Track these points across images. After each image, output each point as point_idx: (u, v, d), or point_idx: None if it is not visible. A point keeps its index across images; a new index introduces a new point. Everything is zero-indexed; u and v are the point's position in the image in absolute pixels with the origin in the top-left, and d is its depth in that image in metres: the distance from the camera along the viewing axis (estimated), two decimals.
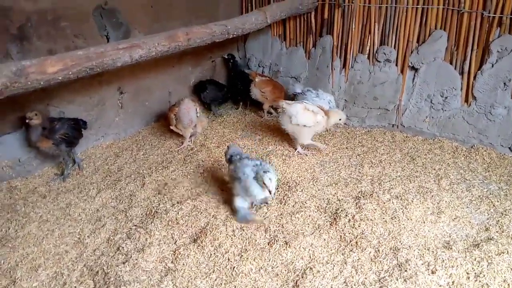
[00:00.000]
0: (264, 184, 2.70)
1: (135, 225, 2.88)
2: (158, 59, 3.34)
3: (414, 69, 4.12)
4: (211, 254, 2.59)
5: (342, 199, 3.19)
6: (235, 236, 2.73)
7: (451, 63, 3.94)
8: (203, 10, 4.64)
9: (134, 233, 2.78)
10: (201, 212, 2.98)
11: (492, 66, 3.72)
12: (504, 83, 3.71)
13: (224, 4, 4.90)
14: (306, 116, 3.64)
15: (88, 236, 2.80)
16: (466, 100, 3.97)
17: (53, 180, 3.48)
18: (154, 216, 2.93)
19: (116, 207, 3.11)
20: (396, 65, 4.21)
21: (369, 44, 4.28)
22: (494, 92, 3.77)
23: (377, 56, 4.24)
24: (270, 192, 2.71)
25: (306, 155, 3.88)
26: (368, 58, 4.33)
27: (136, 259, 2.55)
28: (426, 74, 4.06)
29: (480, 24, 3.69)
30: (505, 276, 2.41)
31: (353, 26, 4.27)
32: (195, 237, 2.73)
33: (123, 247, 2.66)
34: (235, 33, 3.65)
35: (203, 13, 4.64)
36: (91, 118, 3.87)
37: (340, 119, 3.81)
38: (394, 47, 4.16)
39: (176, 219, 2.89)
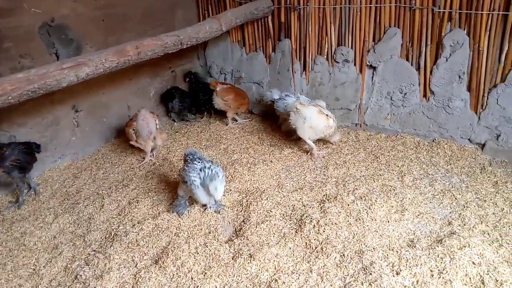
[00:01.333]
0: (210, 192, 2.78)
1: (94, 250, 2.76)
2: (113, 72, 3.23)
3: (372, 67, 4.15)
4: (173, 275, 2.51)
5: (307, 204, 3.16)
6: (198, 253, 2.65)
7: (407, 60, 3.98)
8: (158, 20, 4.55)
9: (93, 259, 2.66)
10: (163, 231, 2.88)
11: (447, 60, 3.77)
12: (459, 76, 3.77)
13: (180, 13, 4.81)
14: (320, 118, 3.71)
15: (44, 266, 2.67)
16: (425, 95, 4.01)
17: (7, 208, 3.31)
18: (114, 239, 2.82)
19: (74, 232, 2.98)
20: (355, 65, 4.22)
21: (326, 46, 4.28)
22: (450, 86, 3.83)
23: (336, 57, 4.25)
24: (215, 201, 2.79)
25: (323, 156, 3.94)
26: (327, 59, 4.34)
27: (94, 287, 2.44)
28: (384, 72, 4.09)
29: (432, 20, 3.74)
30: (466, 270, 2.42)
31: (310, 29, 4.26)
32: (157, 258, 2.64)
33: (81, 275, 2.54)
34: (189, 43, 3.57)
35: (159, 22, 4.54)
36: (45, 140, 3.71)
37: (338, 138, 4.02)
38: (351, 47, 4.17)
39: (137, 240, 2.79)
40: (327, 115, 3.74)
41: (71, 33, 3.78)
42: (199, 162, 2.95)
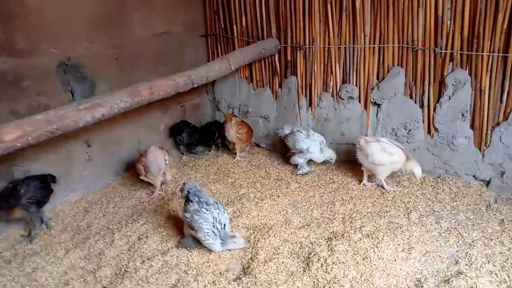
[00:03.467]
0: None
1: (104, 287, 2.80)
2: None
3: (377, 104, 4.25)
4: None
5: (314, 241, 3.19)
6: None
7: (411, 97, 4.08)
8: (168, 58, 4.71)
9: None
10: (172, 268, 2.92)
11: (449, 98, 3.87)
12: (462, 114, 3.85)
13: (190, 52, 4.98)
14: (382, 156, 3.77)
15: None
16: (429, 132, 4.09)
17: (19, 242, 3.36)
18: (124, 276, 2.86)
19: (85, 268, 3.02)
20: (359, 101, 4.33)
21: (332, 83, 4.41)
22: (454, 123, 3.91)
23: (341, 94, 4.37)
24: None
25: (394, 191, 3.91)
26: (332, 96, 4.46)
27: None
28: (389, 109, 4.20)
29: (434, 60, 3.87)
30: None
31: (315, 67, 4.40)
32: None
33: None
34: (200, 82, 3.71)
35: (169, 61, 4.71)
36: (58, 175, 3.79)
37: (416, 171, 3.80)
38: (356, 85, 4.30)
39: (146, 277, 2.82)
40: (389, 152, 3.75)
41: (86, 72, 3.94)
42: (207, 210, 2.97)
